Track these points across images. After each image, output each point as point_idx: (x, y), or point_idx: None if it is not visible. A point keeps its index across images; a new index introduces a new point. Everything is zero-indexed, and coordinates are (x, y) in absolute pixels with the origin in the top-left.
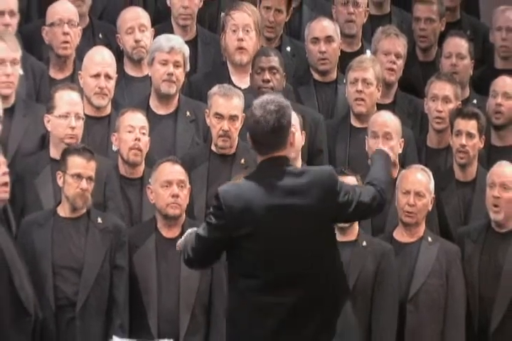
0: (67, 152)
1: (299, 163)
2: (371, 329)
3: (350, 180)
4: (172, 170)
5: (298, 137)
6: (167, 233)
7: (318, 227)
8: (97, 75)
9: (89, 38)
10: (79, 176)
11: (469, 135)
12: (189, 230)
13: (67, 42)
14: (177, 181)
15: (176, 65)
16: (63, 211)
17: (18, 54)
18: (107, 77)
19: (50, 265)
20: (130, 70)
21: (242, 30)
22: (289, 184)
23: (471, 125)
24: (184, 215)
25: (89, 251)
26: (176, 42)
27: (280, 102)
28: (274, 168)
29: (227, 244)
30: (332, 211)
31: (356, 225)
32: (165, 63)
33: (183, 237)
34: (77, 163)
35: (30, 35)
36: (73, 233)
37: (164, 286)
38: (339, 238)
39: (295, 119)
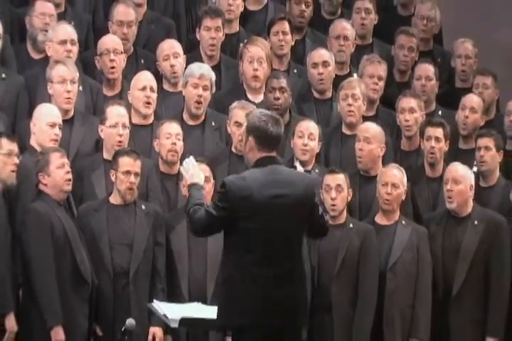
0: (118, 154)
1: (311, 165)
2: (357, 292)
3: (340, 176)
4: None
5: (315, 145)
6: None
7: (299, 214)
8: (144, 88)
9: (133, 63)
10: (128, 172)
11: (437, 139)
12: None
13: (113, 67)
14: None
15: (205, 88)
16: (115, 200)
17: (76, 75)
18: (151, 89)
19: (107, 242)
20: (167, 87)
21: (257, 61)
22: (280, 177)
23: (438, 131)
24: None
25: (137, 231)
26: (205, 70)
27: (275, 116)
28: (268, 164)
29: (229, 221)
30: (308, 206)
31: (345, 211)
32: (196, 86)
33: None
34: (126, 162)
35: (88, 61)
36: (124, 216)
37: (194, 259)
38: (332, 222)
39: (315, 129)
